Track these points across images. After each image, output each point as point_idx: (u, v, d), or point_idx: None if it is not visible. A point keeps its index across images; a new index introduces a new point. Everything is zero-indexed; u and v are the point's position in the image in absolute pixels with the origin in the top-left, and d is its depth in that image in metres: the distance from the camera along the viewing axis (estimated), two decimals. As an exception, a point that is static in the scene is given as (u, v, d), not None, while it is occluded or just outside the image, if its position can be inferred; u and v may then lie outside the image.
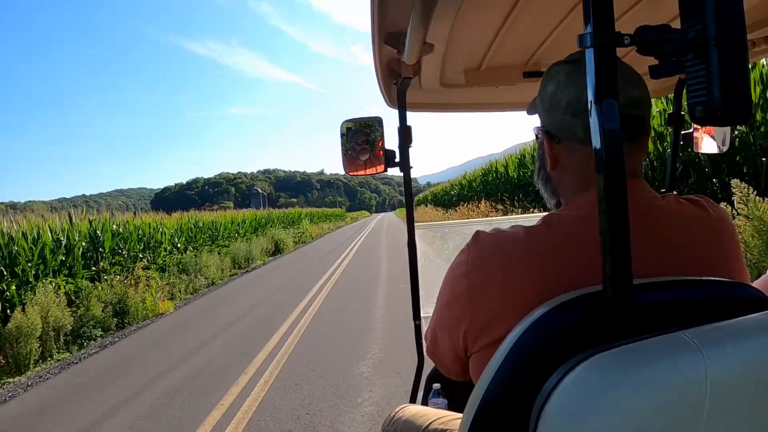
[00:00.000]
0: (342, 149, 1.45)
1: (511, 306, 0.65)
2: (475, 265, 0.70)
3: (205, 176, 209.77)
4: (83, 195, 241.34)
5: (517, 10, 0.98)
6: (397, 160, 1.41)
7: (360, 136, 1.43)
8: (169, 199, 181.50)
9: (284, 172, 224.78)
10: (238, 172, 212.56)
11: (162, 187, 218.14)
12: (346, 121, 1.46)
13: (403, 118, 1.41)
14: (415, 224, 1.55)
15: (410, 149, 1.41)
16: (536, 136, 0.82)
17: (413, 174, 1.53)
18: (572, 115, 0.73)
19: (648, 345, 0.51)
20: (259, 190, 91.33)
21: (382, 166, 1.42)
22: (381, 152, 1.42)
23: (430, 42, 0.98)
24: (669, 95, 1.62)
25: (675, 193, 0.91)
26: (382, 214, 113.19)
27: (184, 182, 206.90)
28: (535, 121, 0.84)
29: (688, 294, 0.63)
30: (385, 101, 1.49)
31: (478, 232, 0.74)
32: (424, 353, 1.03)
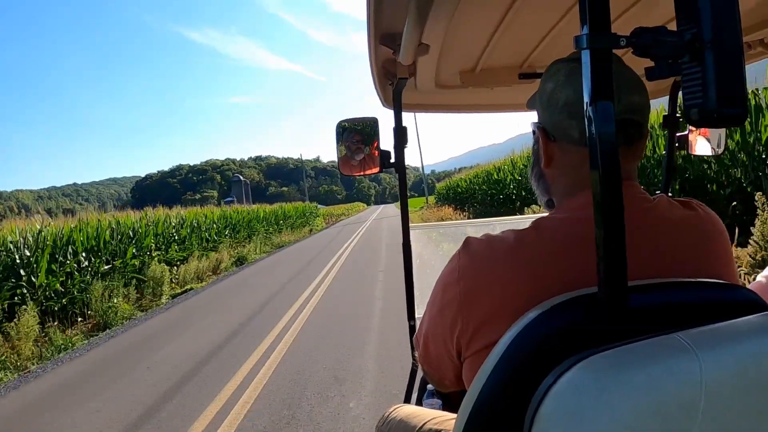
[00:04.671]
0: (337, 149, 1.45)
1: (503, 310, 0.65)
2: (466, 271, 0.70)
3: (191, 163, 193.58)
4: (74, 183, 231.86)
5: (513, 11, 0.98)
6: (393, 160, 1.41)
7: (355, 136, 1.43)
8: (150, 188, 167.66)
9: (276, 158, 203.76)
10: (226, 159, 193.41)
11: (144, 174, 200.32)
12: (342, 121, 1.45)
13: (398, 119, 1.41)
14: (410, 225, 1.55)
15: (405, 149, 1.41)
16: (533, 131, 0.82)
17: (416, 164, 1.53)
18: (569, 116, 0.72)
19: (642, 347, 0.51)
20: (242, 178, 75.52)
21: (378, 167, 1.42)
22: (376, 152, 1.42)
23: (425, 43, 0.98)
24: (665, 96, 1.63)
25: (669, 194, 0.91)
26: (381, 206, 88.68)
27: (167, 169, 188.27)
28: (533, 115, 0.84)
29: (683, 296, 0.63)
30: (381, 101, 1.49)
31: (468, 239, 0.74)
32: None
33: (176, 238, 12.19)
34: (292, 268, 10.98)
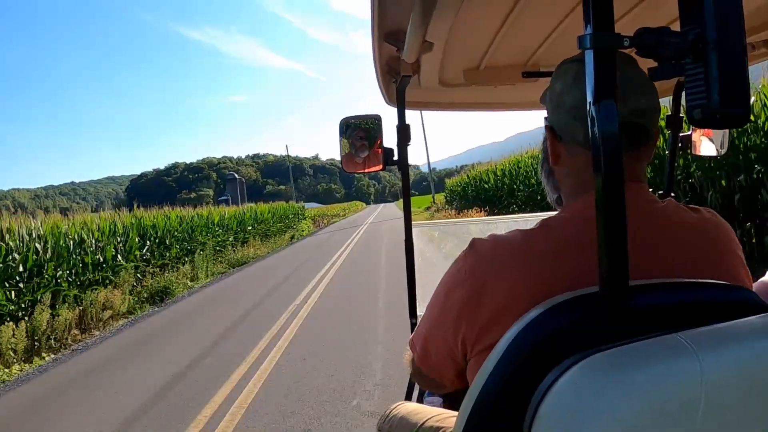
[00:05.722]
0: (340, 147, 1.45)
1: (509, 310, 0.65)
2: (473, 272, 0.71)
3: (188, 161, 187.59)
4: (72, 182, 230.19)
5: (517, 10, 0.98)
6: (396, 158, 1.41)
7: (358, 134, 1.43)
8: (145, 187, 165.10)
9: (274, 156, 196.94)
10: (223, 157, 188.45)
11: (139, 173, 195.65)
12: (345, 118, 1.45)
13: (401, 117, 1.41)
14: (413, 222, 1.56)
15: (409, 147, 1.41)
16: (545, 127, 0.83)
17: (415, 162, 1.53)
18: (574, 118, 0.73)
19: (643, 347, 0.51)
20: (237, 176, 70.45)
21: (381, 165, 1.42)
22: (380, 150, 1.42)
23: (429, 40, 0.98)
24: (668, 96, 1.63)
25: (672, 195, 0.91)
26: (381, 206, 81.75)
27: (162, 167, 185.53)
28: (535, 113, 0.84)
29: (685, 296, 0.63)
30: (384, 99, 1.49)
31: (474, 240, 0.74)
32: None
33: (15, 269, 6.27)
34: (232, 315, 6.63)
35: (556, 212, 0.81)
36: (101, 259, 8.26)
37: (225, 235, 14.73)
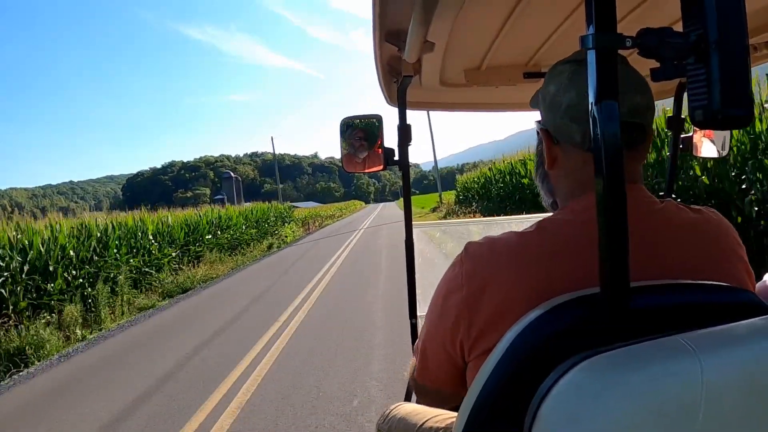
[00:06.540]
0: (341, 146, 1.45)
1: (506, 312, 0.65)
2: (469, 276, 0.70)
3: (185, 159, 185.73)
4: (70, 181, 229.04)
5: (519, 10, 0.98)
6: (396, 158, 1.41)
7: (359, 134, 1.43)
8: (141, 186, 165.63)
9: (272, 155, 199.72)
10: (220, 155, 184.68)
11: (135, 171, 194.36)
12: (346, 118, 1.45)
13: (402, 117, 1.41)
14: (413, 223, 1.56)
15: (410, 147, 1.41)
16: (537, 132, 0.82)
17: (416, 160, 1.53)
18: (571, 119, 0.72)
19: (644, 348, 0.51)
20: (232, 174, 68.67)
21: (381, 165, 1.42)
22: (380, 150, 1.42)
23: (431, 40, 0.98)
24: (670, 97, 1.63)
25: (674, 196, 0.91)
26: (381, 205, 78.65)
27: (158, 166, 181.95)
28: (537, 113, 0.84)
29: (685, 298, 0.63)
30: (385, 99, 1.49)
31: (469, 244, 0.74)
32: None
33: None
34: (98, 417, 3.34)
35: (551, 213, 0.80)
36: None
37: (164, 251, 10.48)
